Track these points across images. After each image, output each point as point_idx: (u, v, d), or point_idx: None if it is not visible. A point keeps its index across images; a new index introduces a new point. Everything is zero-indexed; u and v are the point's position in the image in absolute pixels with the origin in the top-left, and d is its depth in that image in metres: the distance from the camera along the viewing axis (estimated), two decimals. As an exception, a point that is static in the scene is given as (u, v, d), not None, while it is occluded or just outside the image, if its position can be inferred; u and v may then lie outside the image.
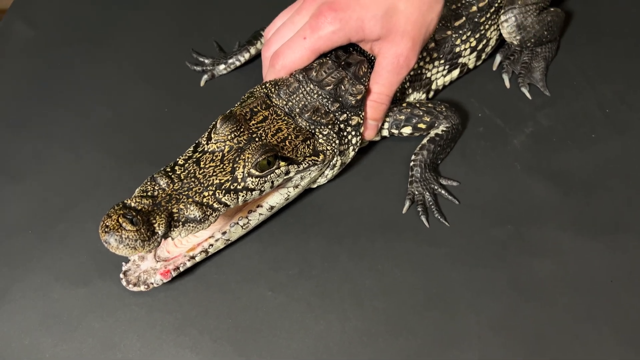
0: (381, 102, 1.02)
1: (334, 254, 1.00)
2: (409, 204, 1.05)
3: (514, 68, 1.23)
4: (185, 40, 1.29)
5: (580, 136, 1.15)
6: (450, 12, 1.12)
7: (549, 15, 1.20)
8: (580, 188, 1.08)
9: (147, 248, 0.77)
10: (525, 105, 1.19)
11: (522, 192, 1.08)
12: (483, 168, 1.11)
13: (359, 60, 1.02)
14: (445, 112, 1.09)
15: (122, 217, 0.77)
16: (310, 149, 0.94)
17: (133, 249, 0.76)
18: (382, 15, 0.95)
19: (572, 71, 1.24)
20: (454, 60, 1.16)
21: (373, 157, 1.12)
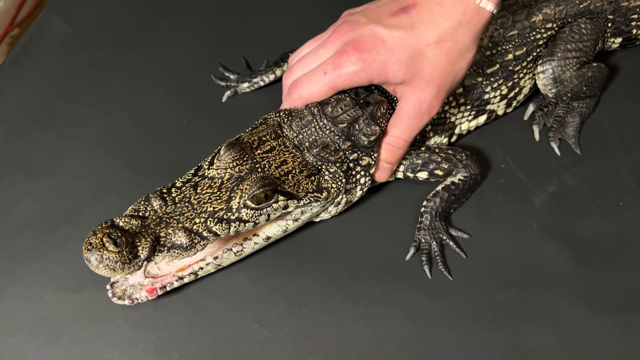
0: (398, 146, 0.99)
1: (328, 293, 0.98)
2: (413, 251, 1.01)
3: (547, 120, 1.18)
4: (216, 53, 1.28)
5: (606, 203, 1.08)
6: (484, 59, 1.08)
7: (590, 70, 1.14)
8: (597, 259, 1.02)
9: (127, 271, 0.77)
10: (553, 162, 1.14)
11: (534, 254, 1.03)
12: (497, 223, 1.06)
13: (379, 100, 0.99)
14: (465, 160, 1.05)
15: (107, 236, 0.77)
16: (314, 185, 0.92)
17: (112, 270, 0.76)
18: (407, 60, 0.92)
19: (609, 131, 1.18)
20: (482, 107, 1.12)
21: (384, 197, 1.09)
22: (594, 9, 1.15)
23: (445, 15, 0.92)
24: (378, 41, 0.92)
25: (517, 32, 1.09)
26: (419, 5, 0.94)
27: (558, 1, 1.12)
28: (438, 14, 0.92)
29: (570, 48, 1.11)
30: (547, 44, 1.13)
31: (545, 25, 1.11)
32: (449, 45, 0.93)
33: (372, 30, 0.93)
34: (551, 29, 1.12)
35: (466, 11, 0.92)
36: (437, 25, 0.92)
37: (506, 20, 1.09)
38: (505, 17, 1.09)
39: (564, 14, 1.12)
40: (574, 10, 1.13)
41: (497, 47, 1.08)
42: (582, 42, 1.13)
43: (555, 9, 1.12)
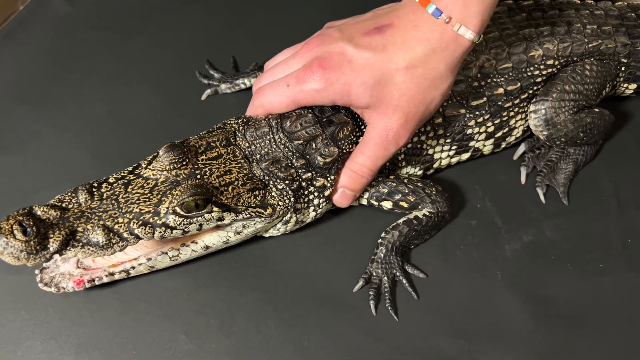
0: (362, 174, 0.93)
1: (263, 314, 0.93)
2: (362, 284, 0.95)
3: (537, 163, 1.09)
4: (208, 50, 1.26)
5: (584, 262, 0.99)
6: (470, 89, 1.00)
7: (589, 116, 1.04)
8: (560, 322, 0.93)
9: (31, 261, 0.75)
10: (535, 209, 1.05)
11: (492, 307, 0.95)
12: (459, 267, 0.99)
13: (344, 121, 0.94)
14: (434, 196, 0.98)
15: (18, 223, 0.75)
16: (258, 200, 0.88)
17: (16, 259, 0.74)
18: (373, 83, 0.86)
19: (604, 185, 1.08)
20: (465, 142, 1.04)
21: (345, 222, 1.03)
22: (605, 50, 1.06)
23: (419, 40, 0.86)
24: (345, 60, 0.87)
25: (512, 65, 1.01)
26: (395, 26, 0.88)
27: (564, 37, 1.03)
28: (412, 37, 0.86)
29: (568, 89, 1.02)
30: (546, 82, 1.04)
31: (546, 62, 1.02)
32: (420, 71, 0.86)
33: (341, 48, 0.88)
34: (552, 67, 1.03)
35: (442, 37, 0.85)
36: (409, 50, 0.86)
37: (501, 51, 1.01)
38: (500, 47, 1.01)
39: (569, 51, 1.03)
40: (581, 49, 1.04)
41: (486, 78, 1.00)
42: (583, 85, 1.03)
43: (558, 45, 1.03)
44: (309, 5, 1.34)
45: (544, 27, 1.04)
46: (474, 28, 0.85)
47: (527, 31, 1.03)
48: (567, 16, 1.06)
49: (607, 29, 1.06)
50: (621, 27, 1.07)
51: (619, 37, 1.06)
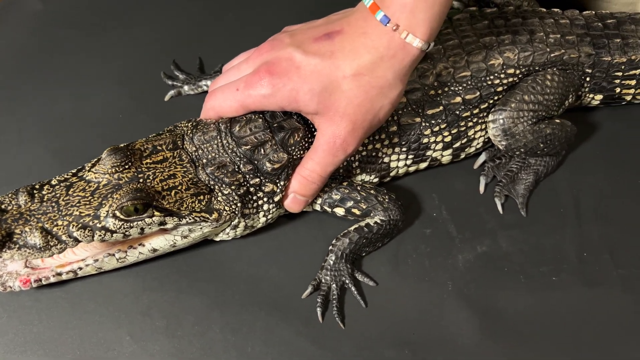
0: (312, 180, 0.93)
1: (210, 319, 0.93)
2: (310, 290, 0.95)
3: (497, 173, 1.08)
4: (178, 50, 1.25)
5: (537, 275, 0.98)
6: (427, 98, 0.99)
7: (549, 127, 1.03)
8: (507, 336, 0.92)
9: None
10: (491, 220, 1.04)
11: (440, 317, 0.94)
12: (410, 275, 0.98)
13: (295, 127, 0.93)
14: (387, 204, 0.98)
15: None
16: (202, 205, 0.88)
17: None
18: (320, 90, 0.86)
19: (564, 197, 1.06)
20: (421, 152, 1.03)
21: (299, 226, 1.03)
22: (568, 59, 1.04)
23: (367, 47, 0.85)
24: (293, 67, 0.87)
25: (471, 74, 1.00)
26: (345, 32, 0.87)
27: (525, 46, 1.02)
28: (360, 44, 0.85)
29: (527, 99, 1.01)
30: (508, 91, 1.03)
31: (506, 71, 1.01)
32: (367, 79, 0.86)
33: (289, 54, 0.87)
34: (513, 76, 1.02)
35: (390, 45, 0.84)
36: (356, 57, 0.85)
37: (459, 59, 0.99)
38: (459, 55, 1.00)
39: (530, 61, 1.02)
40: (543, 58, 1.02)
41: (444, 87, 0.99)
42: (543, 95, 1.02)
43: (519, 54, 1.01)
44: (279, 7, 1.34)
45: (505, 36, 1.02)
46: (422, 36, 0.84)
47: (488, 39, 1.01)
48: (531, 25, 1.05)
49: (571, 38, 1.05)
50: (586, 37, 1.06)
51: (583, 47, 1.05)
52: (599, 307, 0.95)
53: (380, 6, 0.84)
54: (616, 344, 0.92)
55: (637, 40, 1.07)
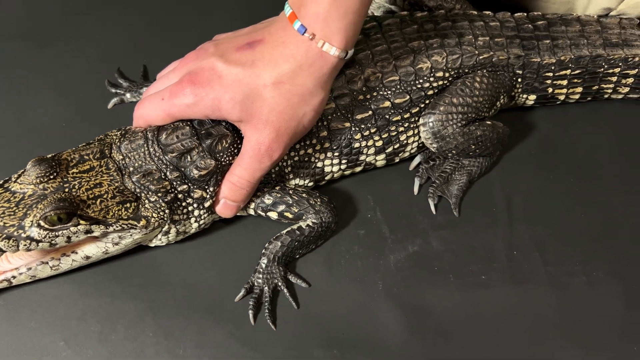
0: (241, 186, 0.94)
1: (143, 323, 0.95)
2: (243, 293, 0.97)
3: (431, 174, 1.10)
4: (122, 57, 1.27)
5: (466, 274, 1.00)
6: (356, 103, 1.00)
7: (479, 128, 1.05)
8: (434, 335, 0.94)
9: None
10: (424, 220, 1.06)
11: (369, 317, 0.96)
12: (343, 276, 1.00)
13: (223, 133, 0.95)
14: (319, 206, 1.00)
15: None
16: (129, 212, 0.89)
17: None
18: (241, 99, 0.88)
19: (497, 197, 1.08)
20: (354, 157, 1.04)
21: (236, 231, 1.04)
22: (498, 61, 1.06)
23: (285, 56, 0.87)
24: (215, 76, 0.88)
25: (399, 78, 1.01)
26: (265, 42, 0.89)
27: (453, 49, 1.04)
28: (279, 54, 0.87)
29: (456, 102, 1.03)
30: (438, 94, 1.05)
31: (435, 74, 1.03)
32: (287, 87, 0.87)
33: (212, 64, 0.89)
34: (443, 79, 1.04)
35: (308, 54, 0.86)
36: (276, 66, 0.87)
37: (387, 64, 1.01)
38: (387, 60, 1.01)
39: (459, 64, 1.04)
40: (471, 60, 1.04)
41: (372, 92, 1.01)
42: (472, 97, 1.04)
43: (447, 57, 1.03)
44: (225, 14, 1.35)
45: (433, 40, 1.04)
46: (339, 45, 0.86)
47: (416, 43, 1.03)
48: (460, 28, 1.06)
49: (500, 40, 1.07)
50: (516, 39, 1.08)
51: (512, 48, 1.07)
52: (526, 304, 0.98)
53: (297, 16, 0.86)
54: (543, 339, 0.95)
55: (566, 41, 1.09)
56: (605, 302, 0.98)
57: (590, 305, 0.97)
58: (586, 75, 1.11)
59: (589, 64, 1.09)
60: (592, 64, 1.09)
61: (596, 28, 1.10)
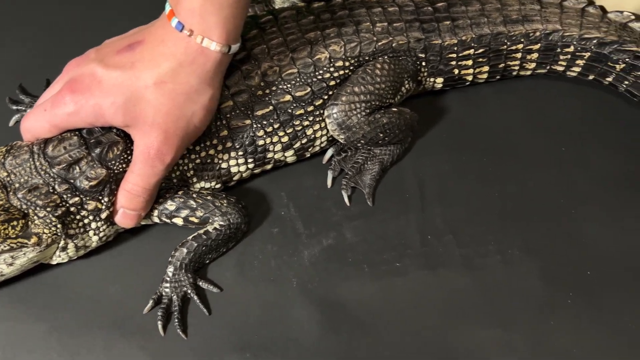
0: (136, 193, 0.91)
1: (47, 345, 0.91)
2: (151, 305, 0.93)
3: (344, 166, 1.08)
4: (26, 73, 1.22)
5: (380, 263, 0.98)
6: (255, 99, 0.98)
7: (385, 116, 1.03)
8: (349, 327, 0.92)
9: None
10: (339, 212, 1.04)
11: (283, 316, 0.94)
12: (256, 277, 0.97)
13: (114, 140, 0.91)
14: (225, 208, 0.97)
15: None
16: (17, 231, 0.85)
17: None
18: (123, 102, 0.85)
19: (410, 183, 1.07)
20: (261, 154, 1.02)
21: (143, 240, 1.01)
22: (398, 46, 1.05)
23: (165, 55, 0.84)
24: (95, 82, 0.85)
25: (298, 70, 0.99)
26: (146, 42, 0.86)
27: (351, 37, 1.02)
28: (159, 53, 0.84)
29: (357, 91, 1.01)
30: (341, 85, 1.03)
31: (335, 64, 1.01)
32: (171, 87, 0.85)
33: (91, 70, 0.86)
34: (344, 68, 1.02)
35: (187, 51, 0.84)
36: (156, 66, 0.84)
37: (284, 57, 0.99)
38: (283, 53, 0.99)
39: (358, 51, 1.02)
40: (370, 48, 1.03)
41: (271, 86, 0.99)
42: (374, 85, 1.02)
43: (346, 46, 1.02)
44: (132, 26, 1.32)
45: (330, 29, 1.02)
46: (219, 39, 0.84)
47: (313, 34, 1.02)
48: (357, 15, 1.05)
49: (399, 25, 1.06)
50: (415, 22, 1.07)
51: (412, 32, 1.06)
52: (442, 288, 0.97)
53: (175, 13, 0.84)
54: (461, 322, 0.94)
55: (467, 21, 1.08)
56: (521, 279, 0.97)
57: (506, 284, 0.97)
58: (490, 54, 1.11)
59: (492, 42, 1.09)
60: (494, 42, 1.09)
61: (496, 6, 1.10)
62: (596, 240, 1.00)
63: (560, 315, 0.93)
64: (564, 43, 1.10)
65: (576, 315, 0.93)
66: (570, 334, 0.92)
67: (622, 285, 0.96)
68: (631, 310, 0.94)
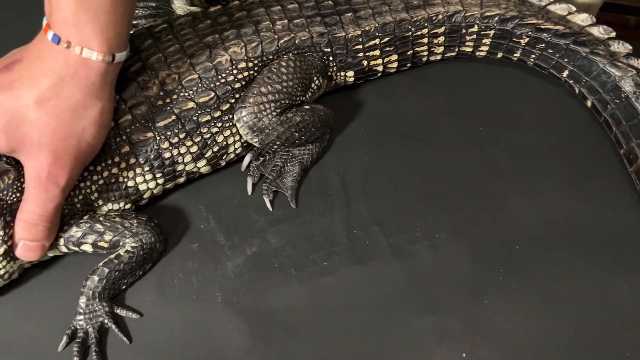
0: (34, 222, 0.84)
1: (-50, 400, 0.84)
2: (66, 340, 0.86)
3: (263, 171, 1.04)
4: None
5: (307, 264, 0.95)
6: (154, 110, 0.94)
7: (298, 114, 1.00)
8: (280, 334, 0.88)
9: None
10: (262, 218, 1.00)
11: (209, 333, 0.88)
12: (178, 297, 0.92)
13: (3, 169, 0.85)
14: (136, 228, 0.91)
15: None
16: None
17: None
18: (4, 125, 0.79)
19: (333, 180, 1.04)
20: (170, 168, 0.97)
21: (56, 273, 0.93)
22: (301, 43, 1.03)
23: (44, 71, 0.79)
24: None
25: (199, 75, 0.96)
26: (24, 60, 0.81)
27: (251, 37, 0.99)
28: (38, 70, 0.79)
29: (264, 91, 0.98)
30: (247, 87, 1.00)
31: (238, 66, 0.98)
32: (54, 103, 0.79)
33: None
34: (248, 69, 0.99)
35: (67, 64, 0.79)
36: (36, 83, 0.79)
37: (182, 64, 0.95)
38: (181, 60, 0.95)
39: (260, 51, 0.99)
40: (272, 46, 1.00)
41: (172, 95, 0.94)
42: (281, 83, 1.00)
43: (247, 47, 0.99)
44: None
45: (229, 31, 0.99)
46: (99, 48, 0.79)
47: (211, 38, 0.98)
48: (256, 16, 1.03)
49: (299, 21, 1.04)
50: (316, 17, 1.05)
51: (314, 27, 1.04)
52: (372, 281, 0.94)
53: (50, 25, 0.79)
54: (394, 313, 0.91)
55: (368, 11, 1.08)
56: (451, 262, 0.95)
57: (436, 269, 0.94)
58: (397, 42, 1.10)
59: (396, 30, 1.08)
60: (398, 29, 1.08)
61: (396, -7, 1.10)
62: (520, 214, 0.99)
63: (493, 293, 0.91)
64: (467, 23, 1.11)
65: (508, 291, 0.92)
66: (505, 311, 0.90)
67: (550, 257, 0.95)
68: (561, 280, 0.93)
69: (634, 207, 0.99)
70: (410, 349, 0.87)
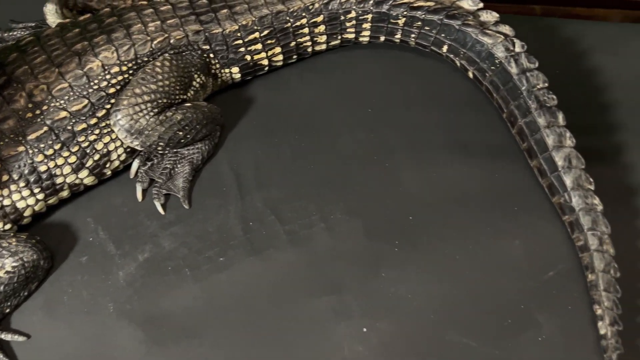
0: None
1: None
2: (-55, 375, 0.82)
3: (153, 175, 1.01)
4: None
5: (203, 262, 0.92)
6: (23, 123, 0.90)
7: (178, 112, 0.98)
8: (176, 337, 0.85)
9: None
10: (153, 223, 0.97)
11: (103, 346, 0.85)
12: (66, 314, 0.88)
13: None
14: (16, 246, 0.87)
15: None
16: None
17: None
18: None
19: (226, 176, 1.02)
20: (48, 182, 0.93)
21: None
22: (177, 42, 1.01)
23: None
24: None
25: (69, 84, 0.93)
26: None
27: (123, 41, 0.98)
28: None
29: (139, 92, 0.96)
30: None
31: (111, 71, 0.96)
32: None
33: None
34: (122, 73, 0.97)
35: None
36: None
37: (50, 74, 0.93)
38: (49, 70, 0.93)
39: (133, 54, 0.98)
40: (146, 48, 0.99)
41: (42, 106, 0.91)
42: (157, 83, 0.97)
43: (118, 51, 0.97)
44: None
45: (99, 37, 0.97)
46: None
47: (80, 46, 0.96)
48: (127, 20, 1.01)
49: (173, 21, 1.02)
50: (191, 16, 1.04)
51: (189, 25, 1.03)
52: (271, 270, 0.92)
53: None
54: (296, 300, 0.90)
55: (244, 6, 1.07)
56: (347, 240, 0.95)
57: (333, 249, 0.94)
58: (278, 34, 1.10)
59: (274, 22, 1.09)
60: (277, 21, 1.09)
61: (271, -14, 1.11)
62: (412, 186, 1.00)
63: (389, 266, 0.92)
64: (344, 10, 1.12)
65: (404, 262, 0.92)
66: (402, 280, 0.90)
67: (443, 223, 0.96)
68: (455, 244, 0.94)
69: (520, 166, 1.02)
70: (311, 331, 0.86)
